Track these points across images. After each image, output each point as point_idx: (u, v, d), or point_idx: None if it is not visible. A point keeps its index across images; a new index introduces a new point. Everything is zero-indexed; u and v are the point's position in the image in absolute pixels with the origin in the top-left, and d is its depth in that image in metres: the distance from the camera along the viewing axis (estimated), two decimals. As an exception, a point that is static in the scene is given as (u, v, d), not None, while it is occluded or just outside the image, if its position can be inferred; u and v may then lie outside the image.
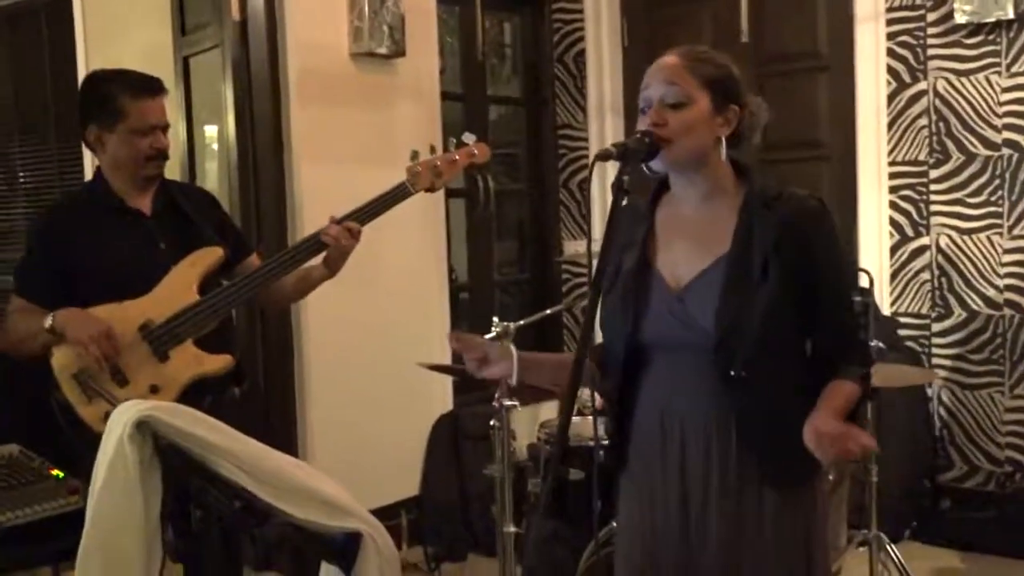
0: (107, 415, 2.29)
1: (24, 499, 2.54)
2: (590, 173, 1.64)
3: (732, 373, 1.68)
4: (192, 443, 1.61)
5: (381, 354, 4.01)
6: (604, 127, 4.82)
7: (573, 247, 5.06)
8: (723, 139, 1.74)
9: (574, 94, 4.93)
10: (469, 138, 2.66)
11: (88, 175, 4.39)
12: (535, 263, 5.14)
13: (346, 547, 1.65)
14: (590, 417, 3.36)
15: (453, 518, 4.02)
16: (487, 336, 3.06)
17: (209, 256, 2.54)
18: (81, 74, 4.65)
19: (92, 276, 2.47)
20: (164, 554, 1.65)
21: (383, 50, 3.87)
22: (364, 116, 3.98)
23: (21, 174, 5.40)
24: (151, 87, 2.55)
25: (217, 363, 2.49)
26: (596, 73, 4.86)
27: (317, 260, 2.64)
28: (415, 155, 2.61)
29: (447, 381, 4.20)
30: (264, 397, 3.74)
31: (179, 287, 2.50)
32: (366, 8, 3.82)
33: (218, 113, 3.96)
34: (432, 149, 2.65)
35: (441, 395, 4.24)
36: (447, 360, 4.22)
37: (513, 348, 1.89)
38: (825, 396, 1.69)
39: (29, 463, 2.72)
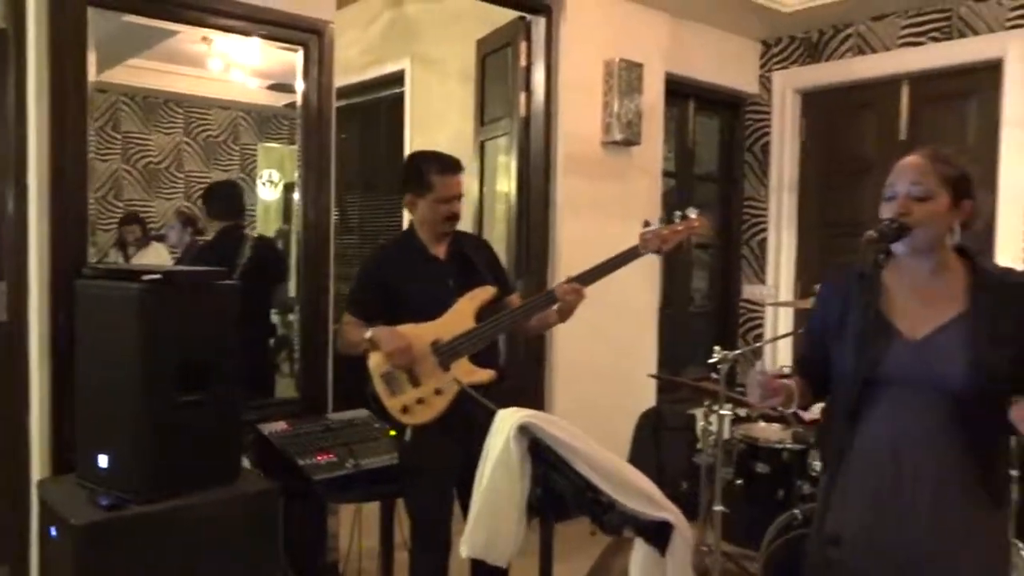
0: (404, 408, 2.70)
1: (371, 451, 2.89)
2: (875, 258, 1.70)
3: (974, 411, 1.72)
4: (558, 445, 1.80)
5: (605, 361, 4.37)
6: (781, 200, 5.22)
7: (749, 290, 5.38)
8: (956, 228, 1.79)
9: (759, 174, 5.33)
10: (692, 212, 2.73)
11: (405, 223, 4.56)
12: (720, 300, 5.48)
13: (662, 532, 1.78)
14: (774, 424, 3.76)
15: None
16: (711, 360, 3.38)
17: (485, 293, 2.77)
18: (407, 151, 5.17)
19: (400, 302, 2.73)
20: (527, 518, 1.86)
21: (623, 139, 4.34)
22: (608, 187, 4.38)
23: (354, 218, 6.01)
24: (453, 167, 2.77)
25: (484, 375, 2.72)
26: (778, 159, 5.23)
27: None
28: (647, 224, 2.73)
29: (652, 383, 4.56)
30: (519, 392, 3.91)
31: (461, 316, 2.72)
32: (615, 108, 4.29)
33: (504, 182, 4.46)
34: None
35: (647, 393, 4.61)
36: (653, 367, 4.72)
37: (795, 383, 1.93)
38: None
39: (373, 424, 3.09)
